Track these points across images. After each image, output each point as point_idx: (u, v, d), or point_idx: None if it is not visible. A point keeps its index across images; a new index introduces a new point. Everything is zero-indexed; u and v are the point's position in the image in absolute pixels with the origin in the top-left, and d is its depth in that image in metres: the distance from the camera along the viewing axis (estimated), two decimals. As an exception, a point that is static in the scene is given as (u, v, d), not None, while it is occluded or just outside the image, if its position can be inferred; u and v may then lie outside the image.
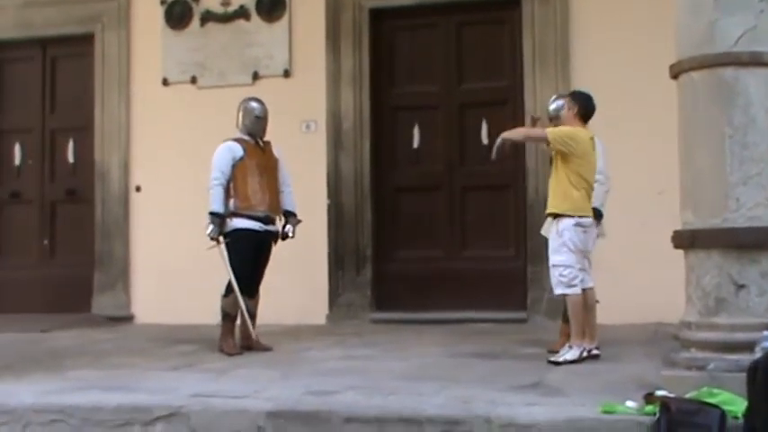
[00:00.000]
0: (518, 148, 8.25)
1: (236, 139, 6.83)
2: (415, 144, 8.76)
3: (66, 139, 9.66)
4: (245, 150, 6.73)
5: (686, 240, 4.59)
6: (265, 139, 6.91)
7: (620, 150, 6.91)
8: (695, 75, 4.54)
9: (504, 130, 8.31)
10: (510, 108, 8.50)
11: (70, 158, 9.66)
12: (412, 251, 8.70)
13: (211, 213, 6.59)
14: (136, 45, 9.35)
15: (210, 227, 6.58)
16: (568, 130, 5.88)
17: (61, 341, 7.70)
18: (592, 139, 5.97)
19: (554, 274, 5.86)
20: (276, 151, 6.94)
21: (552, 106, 6.53)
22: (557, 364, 5.68)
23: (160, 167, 9.13)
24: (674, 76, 4.69)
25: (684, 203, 4.65)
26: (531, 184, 8.22)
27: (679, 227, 4.69)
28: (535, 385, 4.94)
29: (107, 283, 9.26)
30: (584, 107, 5.99)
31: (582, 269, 5.89)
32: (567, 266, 5.80)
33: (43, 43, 9.75)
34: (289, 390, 4.94)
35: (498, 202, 8.59)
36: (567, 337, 6.19)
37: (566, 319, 6.24)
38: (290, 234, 6.85)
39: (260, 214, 6.71)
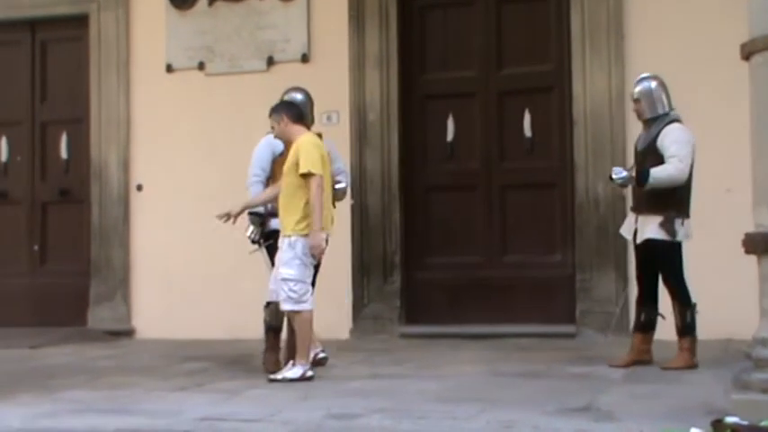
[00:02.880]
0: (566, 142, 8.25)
1: None
2: (449, 137, 8.73)
3: (59, 133, 9.72)
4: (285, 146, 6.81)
5: (760, 245, 4.53)
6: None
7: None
8: (771, 55, 4.48)
9: (550, 120, 8.31)
10: (556, 95, 8.46)
11: (63, 154, 9.71)
12: (446, 257, 8.67)
13: (251, 214, 6.68)
14: (136, 27, 9.39)
15: (251, 228, 6.69)
16: (311, 149, 6.15)
17: (53, 358, 7.74)
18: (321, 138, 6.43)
19: (283, 289, 6.11)
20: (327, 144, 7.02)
21: (637, 88, 6.49)
22: (275, 381, 6.01)
23: (164, 164, 9.16)
24: (746, 57, 4.64)
25: (757, 202, 4.60)
26: (579, 182, 8.17)
27: (751, 229, 4.63)
28: (585, 409, 4.90)
29: (105, 294, 9.30)
30: (291, 111, 6.43)
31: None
32: (298, 281, 6.11)
33: (32, 25, 9.81)
34: (308, 413, 4.93)
35: (542, 202, 8.55)
36: (637, 352, 6.18)
37: (639, 329, 6.24)
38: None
39: None
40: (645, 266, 6.47)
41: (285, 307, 6.17)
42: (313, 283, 6.81)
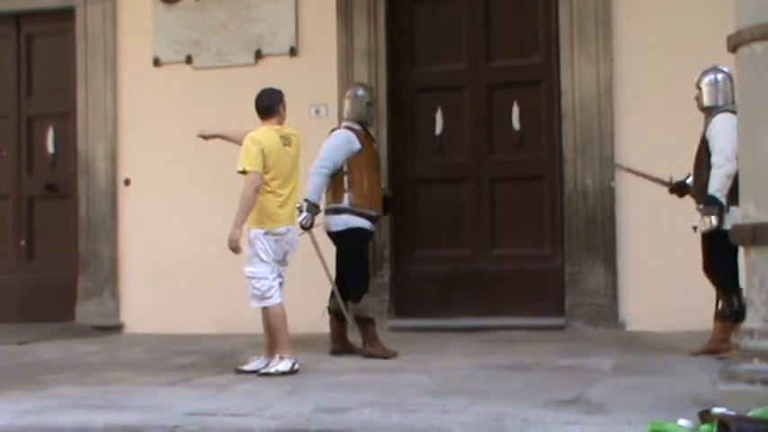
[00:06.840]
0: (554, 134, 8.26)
1: (349, 128, 7.09)
2: (438, 130, 8.74)
3: (46, 128, 9.70)
4: (361, 143, 7.01)
5: (747, 236, 4.54)
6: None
7: (671, 133, 6.89)
8: (757, 46, 4.48)
9: (539, 112, 8.31)
10: (545, 88, 8.48)
11: (50, 148, 9.69)
12: (435, 250, 8.69)
13: (307, 201, 6.80)
14: (123, 20, 9.37)
15: (304, 214, 6.79)
16: (247, 145, 6.25)
17: (41, 354, 7.74)
18: (283, 136, 6.40)
19: (248, 287, 6.22)
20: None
21: (705, 78, 6.51)
22: (266, 374, 6.07)
23: (151, 158, 9.15)
24: (733, 49, 4.65)
25: (745, 194, 4.61)
26: (568, 174, 8.20)
27: (739, 220, 4.65)
28: (575, 401, 4.93)
29: (93, 289, 9.29)
30: (256, 106, 6.45)
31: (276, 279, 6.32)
32: (259, 278, 6.20)
33: (17, 18, 9.78)
34: (297, 407, 4.95)
35: (532, 195, 8.57)
36: (715, 341, 6.27)
37: (727, 318, 6.26)
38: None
39: (373, 213, 7.05)
40: None
41: (252, 305, 6.26)
42: None
